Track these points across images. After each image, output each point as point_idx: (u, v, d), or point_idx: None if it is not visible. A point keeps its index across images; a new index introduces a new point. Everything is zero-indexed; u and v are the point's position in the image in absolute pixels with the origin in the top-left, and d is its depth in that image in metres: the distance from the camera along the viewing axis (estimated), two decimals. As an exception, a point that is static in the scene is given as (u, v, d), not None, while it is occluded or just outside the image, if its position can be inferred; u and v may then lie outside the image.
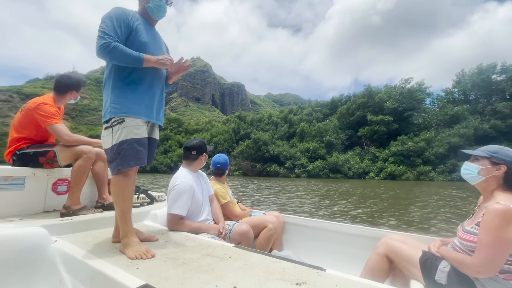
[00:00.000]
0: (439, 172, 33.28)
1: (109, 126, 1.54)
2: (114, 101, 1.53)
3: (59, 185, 2.38)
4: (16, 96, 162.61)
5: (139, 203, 2.68)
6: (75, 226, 1.89)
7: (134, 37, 1.59)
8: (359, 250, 2.08)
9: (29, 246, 1.48)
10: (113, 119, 1.52)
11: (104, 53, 1.45)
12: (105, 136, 1.57)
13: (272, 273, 1.20)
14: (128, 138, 1.52)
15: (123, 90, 1.56)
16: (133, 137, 1.53)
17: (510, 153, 1.36)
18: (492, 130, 34.45)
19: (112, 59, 1.50)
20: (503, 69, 39.21)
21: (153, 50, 1.68)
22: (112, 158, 1.54)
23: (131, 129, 1.53)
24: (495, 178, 1.37)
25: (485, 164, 1.41)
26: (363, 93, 48.41)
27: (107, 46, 1.44)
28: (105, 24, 1.50)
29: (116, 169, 1.53)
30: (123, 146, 1.51)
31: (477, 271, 1.20)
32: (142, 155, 1.58)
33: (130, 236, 1.52)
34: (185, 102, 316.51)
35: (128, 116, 1.53)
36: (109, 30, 1.48)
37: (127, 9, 1.64)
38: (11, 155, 2.20)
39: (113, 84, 1.56)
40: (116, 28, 1.51)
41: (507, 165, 1.35)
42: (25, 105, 2.23)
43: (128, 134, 1.52)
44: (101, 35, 1.46)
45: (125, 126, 1.52)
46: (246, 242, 2.12)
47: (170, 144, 64.28)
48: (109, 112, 1.52)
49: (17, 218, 1.98)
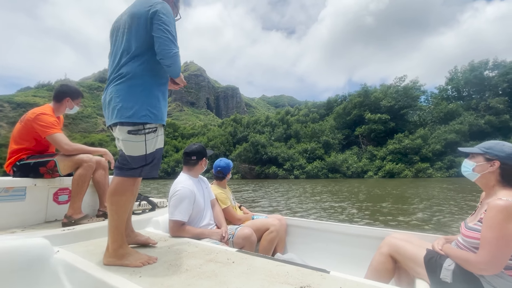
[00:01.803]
0: (437, 169, 33.53)
1: (141, 132, 1.40)
2: (154, 106, 1.42)
3: (60, 195, 2.37)
4: (7, 105, 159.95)
5: (140, 210, 2.67)
6: (77, 235, 1.88)
7: None
8: (363, 250, 2.08)
9: (31, 257, 1.47)
10: (147, 125, 1.40)
11: (175, 59, 1.39)
12: (135, 141, 1.41)
13: (275, 277, 1.20)
14: (160, 147, 1.51)
15: (158, 95, 1.46)
16: (162, 146, 1.54)
17: (504, 148, 1.35)
18: (487, 126, 34.84)
19: (176, 68, 1.43)
20: (494, 65, 39.81)
21: None
22: (141, 165, 1.45)
23: (162, 138, 1.53)
24: (492, 174, 1.36)
25: (479, 160, 1.42)
26: (359, 92, 48.78)
27: (177, 55, 1.39)
28: (173, 30, 1.42)
29: (137, 175, 1.46)
30: (157, 155, 1.49)
31: (482, 268, 1.19)
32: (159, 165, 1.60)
33: (125, 246, 1.47)
34: (179, 106, 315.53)
35: (161, 124, 1.49)
36: (175, 39, 1.42)
37: None
38: (12, 166, 2.19)
39: (149, 85, 1.43)
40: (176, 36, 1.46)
41: (500, 160, 1.34)
42: (24, 116, 2.23)
43: (161, 143, 1.51)
44: (174, 41, 1.39)
45: (158, 134, 1.47)
46: (249, 246, 2.11)
47: (166, 149, 64.09)
48: (146, 116, 1.39)
49: (19, 229, 1.97)
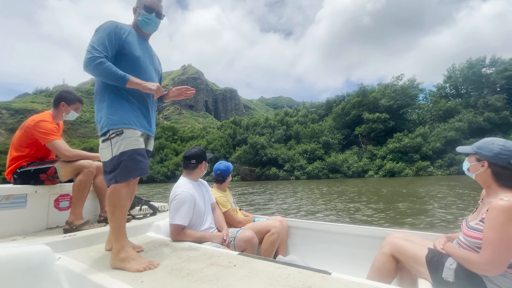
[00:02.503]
0: (438, 167, 33.49)
1: (107, 138, 1.52)
2: (111, 113, 1.53)
3: (61, 201, 2.37)
4: (5, 112, 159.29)
5: (141, 215, 2.67)
6: (79, 241, 1.88)
7: (128, 50, 1.60)
8: (365, 250, 2.08)
9: (33, 265, 1.46)
10: (110, 131, 1.51)
11: (89, 67, 1.46)
12: (103, 148, 1.55)
13: (277, 280, 1.20)
14: (128, 149, 1.52)
15: (119, 101, 1.56)
16: (133, 148, 1.54)
17: (492, 147, 1.30)
18: (486, 123, 34.81)
19: (96, 75, 1.49)
20: (492, 62, 39.81)
21: (146, 63, 1.71)
22: (111, 169, 1.52)
23: (130, 140, 1.53)
24: (485, 173, 1.34)
25: (472, 160, 1.41)
26: (357, 92, 48.75)
27: (93, 60, 1.44)
28: (96, 38, 1.51)
29: (114, 180, 1.51)
30: (123, 157, 1.51)
31: (484, 269, 1.18)
32: (143, 165, 1.58)
33: (128, 249, 1.49)
34: (178, 110, 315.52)
35: (127, 127, 1.54)
36: (98, 44, 1.48)
37: (120, 23, 1.65)
38: (12, 174, 2.19)
39: (108, 96, 1.55)
40: (106, 42, 1.51)
41: (487, 160, 1.31)
42: (24, 123, 2.24)
43: (128, 146, 1.52)
44: (89, 49, 1.47)
45: (124, 137, 1.52)
46: (251, 248, 2.11)
47: (166, 152, 64.11)
48: (106, 124, 1.52)
49: (20, 236, 1.97)
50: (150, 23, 1.74)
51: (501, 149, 1.28)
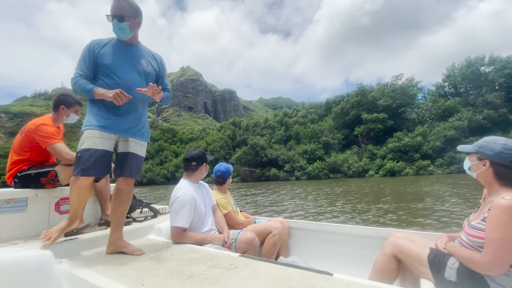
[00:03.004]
0: (438, 166, 33.43)
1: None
2: (85, 117, 1.76)
3: (62, 205, 2.36)
4: (4, 115, 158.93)
5: (142, 217, 2.67)
6: (80, 245, 1.88)
7: (100, 61, 1.74)
8: (366, 251, 2.07)
9: (34, 269, 1.46)
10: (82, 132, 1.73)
11: (72, 87, 1.73)
12: None
13: (278, 281, 1.20)
14: (81, 148, 1.66)
15: (91, 107, 1.76)
16: (84, 147, 1.66)
17: (494, 146, 1.30)
18: (485, 121, 34.80)
19: (76, 92, 1.75)
20: (490, 61, 39.85)
21: (121, 69, 1.76)
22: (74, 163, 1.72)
23: (84, 139, 1.67)
24: (487, 172, 1.33)
25: (473, 159, 1.40)
26: (356, 92, 48.72)
27: (72, 80, 1.70)
28: (78, 60, 1.75)
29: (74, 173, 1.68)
30: (78, 154, 1.67)
31: (487, 268, 1.18)
32: (90, 166, 1.65)
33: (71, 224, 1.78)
34: (177, 111, 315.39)
35: (87, 129, 1.69)
36: (77, 66, 1.74)
37: (100, 39, 1.81)
38: (13, 178, 2.19)
39: (89, 103, 1.80)
40: (83, 62, 1.72)
41: (489, 159, 1.31)
42: (25, 127, 2.24)
43: (82, 145, 1.67)
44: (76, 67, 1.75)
45: (83, 137, 1.68)
46: (252, 250, 2.10)
47: (165, 154, 63.96)
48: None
49: (21, 240, 1.96)
50: (115, 31, 1.76)
51: (503, 148, 1.28)
